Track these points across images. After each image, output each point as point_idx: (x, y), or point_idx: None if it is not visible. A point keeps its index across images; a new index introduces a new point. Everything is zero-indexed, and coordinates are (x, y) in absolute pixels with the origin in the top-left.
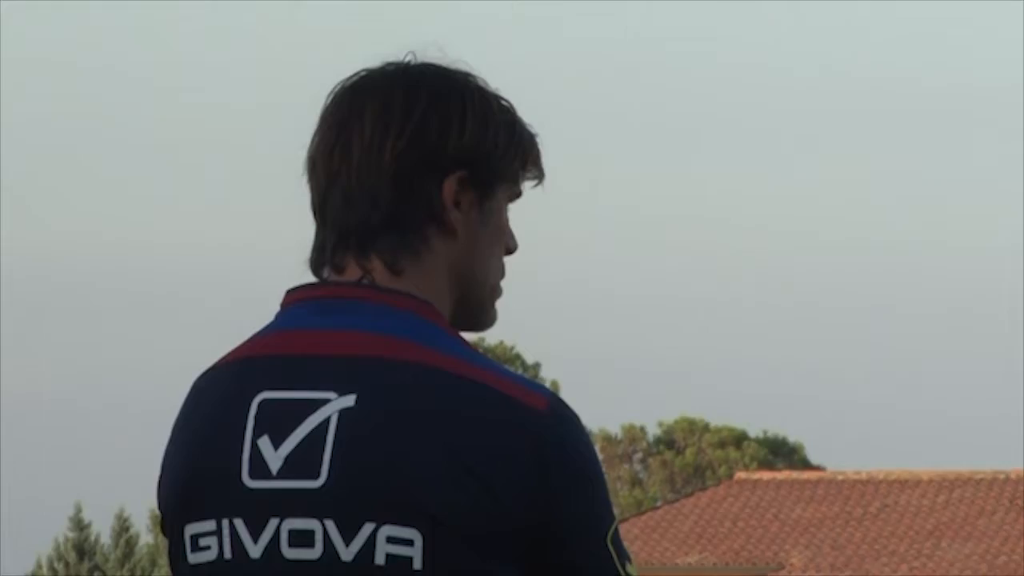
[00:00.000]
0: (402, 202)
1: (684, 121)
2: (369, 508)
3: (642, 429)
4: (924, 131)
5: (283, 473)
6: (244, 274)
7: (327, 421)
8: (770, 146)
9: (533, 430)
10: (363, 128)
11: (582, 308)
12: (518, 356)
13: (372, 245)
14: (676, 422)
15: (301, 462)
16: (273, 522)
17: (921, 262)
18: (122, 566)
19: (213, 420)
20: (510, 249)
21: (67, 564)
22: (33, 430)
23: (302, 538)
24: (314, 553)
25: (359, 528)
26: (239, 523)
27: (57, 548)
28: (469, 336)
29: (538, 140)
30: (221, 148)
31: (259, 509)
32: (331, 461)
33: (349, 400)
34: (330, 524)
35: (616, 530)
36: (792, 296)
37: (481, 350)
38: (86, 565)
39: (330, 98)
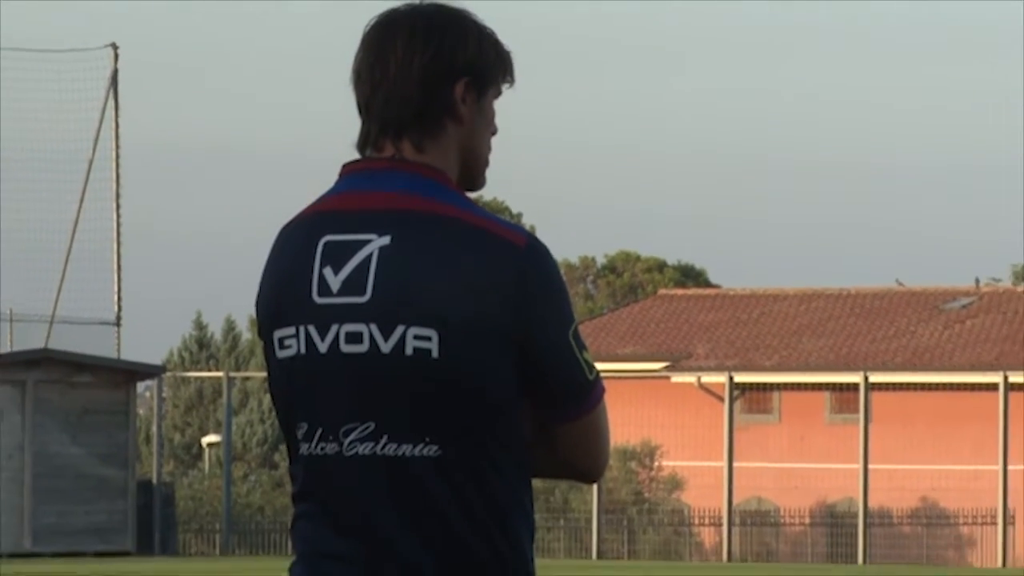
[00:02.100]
0: (427, 101)
1: None
2: (400, 315)
3: (593, 259)
4: None
5: (340, 292)
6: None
7: (371, 255)
8: None
9: (516, 259)
10: (396, 50)
11: (553, 167)
12: (506, 208)
13: (404, 132)
14: (617, 254)
15: (353, 284)
16: (334, 327)
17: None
18: (229, 355)
19: (293, 256)
20: (494, 132)
21: (191, 353)
22: (169, 255)
23: (354, 338)
24: (363, 348)
25: (394, 329)
26: (311, 328)
27: (184, 342)
28: (471, 194)
29: (512, 59)
30: None
31: (324, 318)
32: (373, 283)
33: (386, 240)
34: (373, 327)
35: (576, 328)
36: (701, 157)
37: (480, 204)
38: (204, 354)
39: (367, 29)
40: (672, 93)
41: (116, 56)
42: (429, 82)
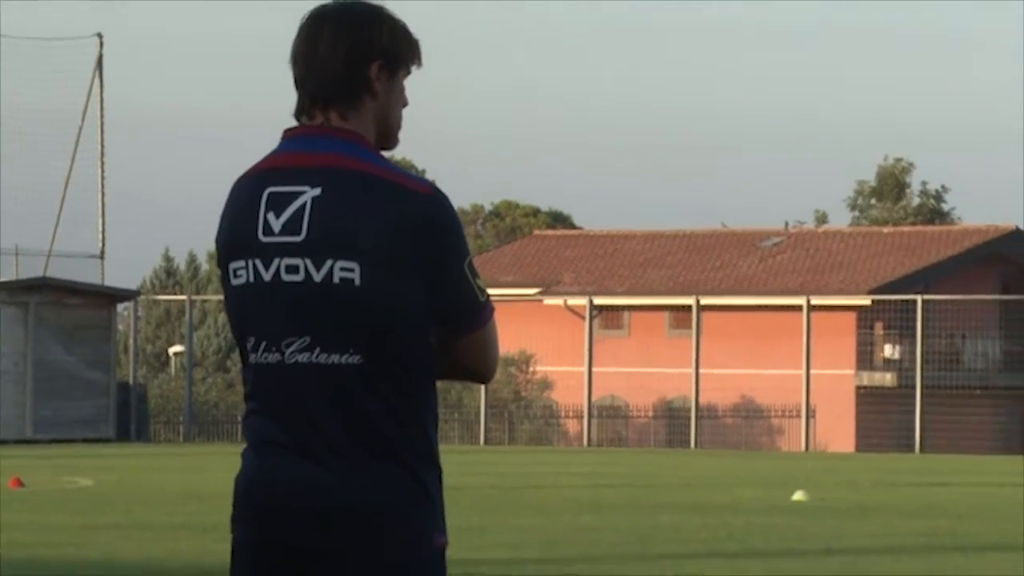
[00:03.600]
0: (349, 79)
1: None
2: (329, 251)
3: (482, 206)
4: None
5: (281, 233)
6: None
7: (305, 203)
8: None
9: (422, 205)
10: (325, 37)
11: (453, 133)
12: (414, 164)
13: (331, 104)
14: (501, 202)
15: (291, 226)
16: (276, 260)
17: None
18: (191, 282)
19: (243, 204)
20: (405, 104)
21: (160, 280)
22: (143, 202)
23: (292, 269)
24: (299, 277)
25: (324, 262)
26: (258, 262)
27: (155, 271)
28: (385, 153)
29: (420, 45)
30: None
31: (268, 253)
32: (307, 225)
33: (317, 191)
34: (307, 261)
35: (470, 260)
36: (568, 122)
37: (393, 161)
38: (171, 281)
39: (303, 21)
40: (540, 68)
41: (101, 43)
42: (350, 64)
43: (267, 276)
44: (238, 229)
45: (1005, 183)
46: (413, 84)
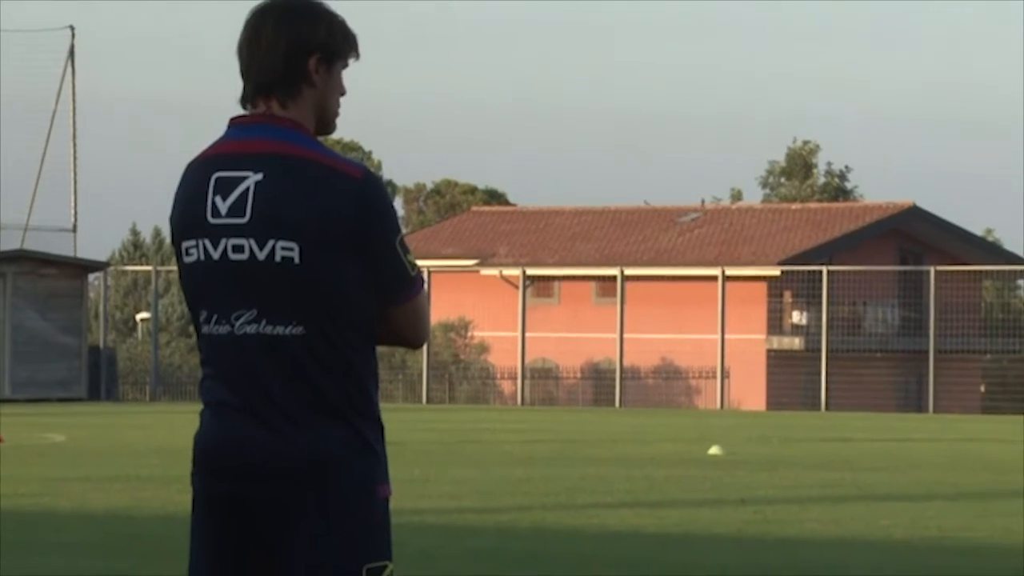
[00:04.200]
0: (289, 70)
1: None
2: (271, 232)
3: (424, 185)
4: None
5: (227, 215)
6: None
7: (249, 187)
8: None
9: (355, 187)
10: (267, 32)
11: (399, 117)
12: (361, 146)
13: (273, 93)
14: (442, 180)
15: (236, 209)
16: (223, 240)
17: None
18: (156, 254)
19: (193, 188)
20: (343, 93)
21: (128, 253)
22: (112, 180)
23: (238, 248)
24: (244, 256)
25: (266, 242)
26: (207, 241)
27: (123, 244)
28: (324, 138)
29: (357, 39)
30: None
31: (216, 234)
32: (251, 208)
33: (260, 176)
34: (252, 241)
35: (401, 238)
36: (499, 105)
37: (335, 145)
38: (137, 254)
39: (248, 16)
40: (478, 60)
41: (73, 35)
42: (290, 57)
43: (216, 255)
44: (188, 211)
45: (903, 164)
46: (365, 73)
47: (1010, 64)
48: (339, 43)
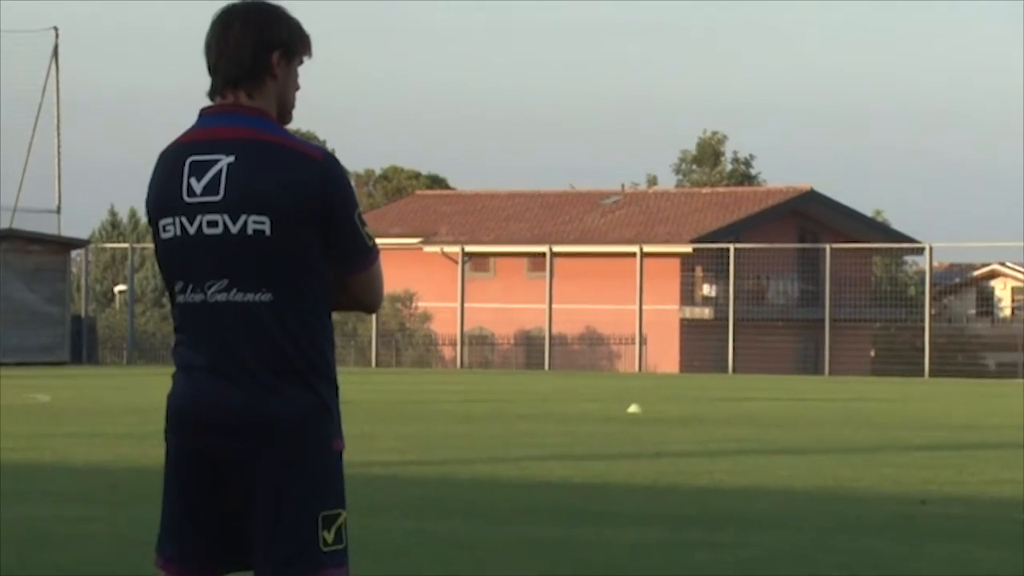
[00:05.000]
0: (254, 65)
1: None
2: (243, 208)
3: (373, 171)
4: None
5: (202, 194)
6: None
7: (222, 169)
8: None
9: (318, 168)
10: (235, 30)
11: (350, 106)
12: (316, 135)
13: (240, 85)
14: (390, 167)
15: (210, 188)
16: (199, 217)
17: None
18: (132, 232)
19: (170, 171)
20: (298, 88)
21: (107, 231)
22: (93, 166)
23: (212, 224)
24: (218, 231)
25: (239, 217)
26: (183, 218)
27: (102, 224)
28: (286, 126)
29: (311, 40)
30: None
31: (191, 211)
32: (224, 187)
33: (232, 159)
34: (225, 216)
35: (359, 212)
36: (443, 95)
37: (294, 132)
38: (115, 232)
39: (215, 16)
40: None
41: (56, 35)
42: (256, 53)
43: (191, 230)
44: (165, 192)
45: (802, 152)
46: (319, 69)
47: (898, 58)
48: (297, 42)
